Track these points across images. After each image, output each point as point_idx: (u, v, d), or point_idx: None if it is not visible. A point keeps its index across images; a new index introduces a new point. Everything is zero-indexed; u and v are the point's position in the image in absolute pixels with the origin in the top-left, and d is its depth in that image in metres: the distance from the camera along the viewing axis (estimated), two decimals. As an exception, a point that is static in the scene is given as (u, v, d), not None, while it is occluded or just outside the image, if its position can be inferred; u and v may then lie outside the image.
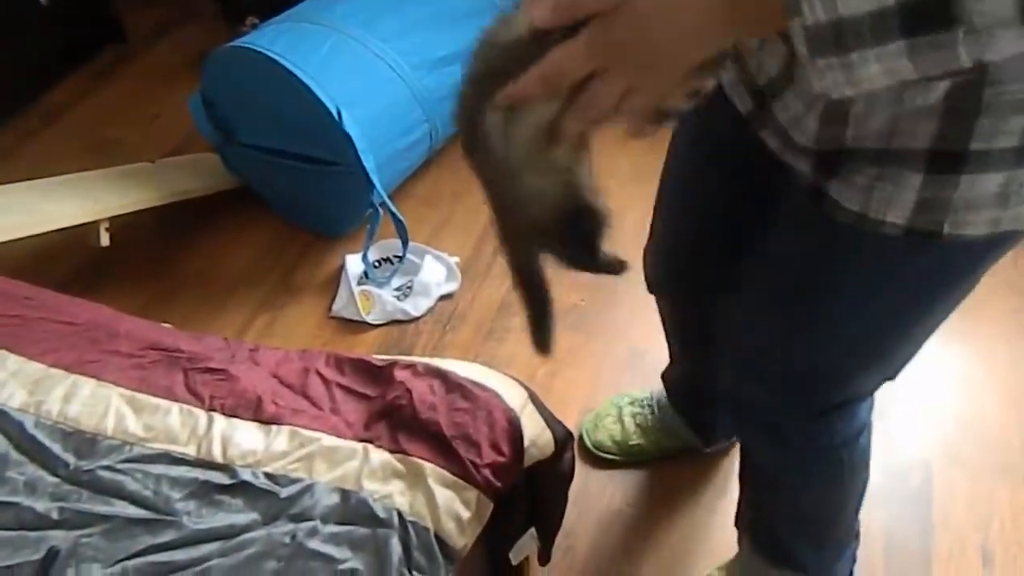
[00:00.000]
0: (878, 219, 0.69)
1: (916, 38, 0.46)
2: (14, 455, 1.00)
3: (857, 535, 1.18)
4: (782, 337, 0.88)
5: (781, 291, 0.86)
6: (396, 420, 1.01)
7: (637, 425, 1.46)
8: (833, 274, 0.80)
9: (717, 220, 0.98)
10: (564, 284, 2.06)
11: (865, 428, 1.01)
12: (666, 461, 1.46)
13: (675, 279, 1.15)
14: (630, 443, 1.45)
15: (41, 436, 1.02)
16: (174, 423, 1.03)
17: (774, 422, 0.97)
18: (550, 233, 0.66)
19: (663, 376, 1.43)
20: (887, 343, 0.84)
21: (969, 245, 0.69)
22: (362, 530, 0.91)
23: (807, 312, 0.84)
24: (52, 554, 0.90)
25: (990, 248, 0.73)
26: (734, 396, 1.00)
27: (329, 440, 0.99)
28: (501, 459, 0.97)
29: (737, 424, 1.07)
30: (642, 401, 1.48)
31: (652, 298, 1.73)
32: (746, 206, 0.92)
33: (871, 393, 0.94)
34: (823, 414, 0.93)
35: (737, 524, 1.23)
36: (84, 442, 1.02)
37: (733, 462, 1.47)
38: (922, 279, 0.76)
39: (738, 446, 1.49)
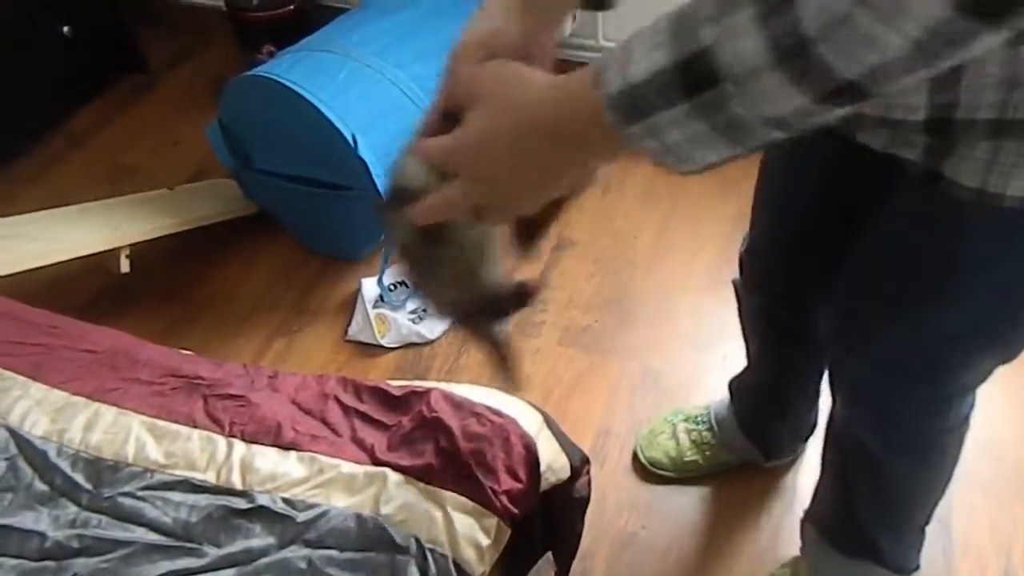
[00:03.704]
0: (997, 193, 0.69)
1: (694, 99, 0.44)
2: (38, 485, 1.02)
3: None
4: (896, 320, 0.87)
5: (892, 274, 0.86)
6: (415, 448, 1.01)
7: (692, 441, 1.46)
8: (944, 253, 0.79)
9: (817, 215, 0.99)
10: (579, 305, 2.05)
11: (968, 417, 1.01)
12: (685, 484, 1.46)
13: (774, 278, 1.14)
14: (685, 459, 1.45)
15: (63, 464, 1.03)
16: (194, 449, 1.04)
17: (888, 405, 0.96)
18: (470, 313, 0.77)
19: (730, 385, 1.43)
20: (1002, 324, 0.84)
21: None
22: (380, 556, 0.92)
23: (920, 294, 0.83)
24: (75, 581, 0.91)
25: None
26: (847, 380, 0.99)
27: (348, 467, 1.00)
28: (518, 485, 0.97)
29: (845, 405, 1.05)
30: (697, 418, 1.48)
31: (667, 318, 1.74)
32: (848, 196, 0.92)
33: (984, 379, 0.93)
34: (938, 400, 0.93)
35: (807, 519, 1.22)
36: (105, 469, 1.03)
37: (751, 486, 1.46)
38: None
39: (773, 464, 1.47)
